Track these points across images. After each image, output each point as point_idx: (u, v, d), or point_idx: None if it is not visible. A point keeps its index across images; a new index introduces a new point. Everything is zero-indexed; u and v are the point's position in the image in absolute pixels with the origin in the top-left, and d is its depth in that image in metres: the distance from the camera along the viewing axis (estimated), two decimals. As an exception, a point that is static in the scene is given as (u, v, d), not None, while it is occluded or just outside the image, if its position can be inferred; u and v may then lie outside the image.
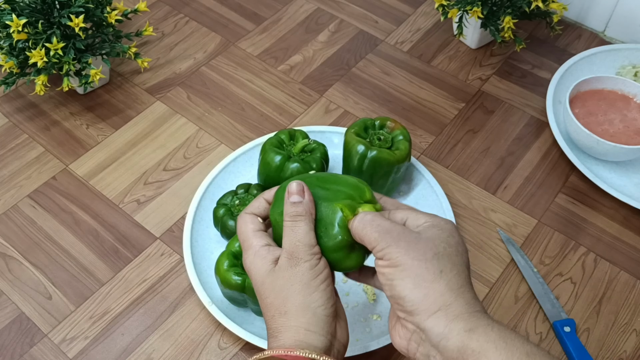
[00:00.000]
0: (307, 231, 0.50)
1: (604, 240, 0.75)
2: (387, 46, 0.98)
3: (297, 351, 0.46)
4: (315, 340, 0.48)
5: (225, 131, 0.86)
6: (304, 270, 0.49)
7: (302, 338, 0.48)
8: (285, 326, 0.49)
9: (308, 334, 0.48)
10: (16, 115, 0.89)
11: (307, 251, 0.50)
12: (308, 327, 0.48)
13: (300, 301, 0.49)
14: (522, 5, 0.86)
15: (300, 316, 0.49)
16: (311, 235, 0.50)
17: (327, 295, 0.49)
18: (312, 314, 0.49)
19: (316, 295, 0.49)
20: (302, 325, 0.48)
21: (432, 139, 0.86)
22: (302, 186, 0.52)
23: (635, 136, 0.79)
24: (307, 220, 0.50)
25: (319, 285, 0.49)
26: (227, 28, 1.01)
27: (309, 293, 0.49)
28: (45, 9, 0.78)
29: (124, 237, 0.76)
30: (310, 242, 0.50)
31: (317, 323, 0.49)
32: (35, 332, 0.68)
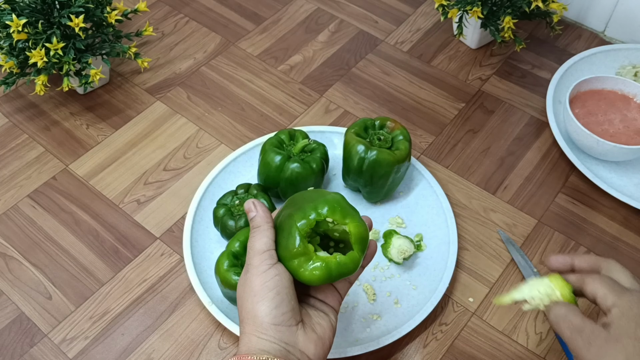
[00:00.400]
0: (259, 238, 0.52)
1: (604, 240, 0.75)
2: (387, 46, 0.98)
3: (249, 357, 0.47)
4: (267, 346, 0.49)
5: (225, 131, 0.87)
6: (252, 277, 0.51)
7: (254, 344, 0.49)
8: (242, 333, 0.50)
9: (261, 341, 0.49)
10: (16, 115, 0.89)
11: (256, 256, 0.51)
12: (259, 335, 0.49)
13: (249, 308, 0.50)
14: (522, 5, 0.86)
15: (250, 323, 0.50)
16: (263, 242, 0.52)
17: (276, 304, 0.49)
18: (259, 322, 0.49)
19: (263, 304, 0.49)
20: (254, 333, 0.49)
21: (432, 139, 0.86)
22: (251, 203, 0.54)
23: (635, 136, 0.80)
24: (262, 228, 0.53)
25: (266, 293, 0.50)
26: (227, 28, 1.01)
27: (255, 301, 0.50)
28: (45, 9, 0.78)
29: (124, 237, 0.76)
30: (260, 247, 0.52)
31: (267, 331, 0.49)
32: (35, 332, 0.68)
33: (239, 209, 0.71)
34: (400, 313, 0.68)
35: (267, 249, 0.52)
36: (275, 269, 0.51)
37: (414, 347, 0.67)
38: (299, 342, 0.50)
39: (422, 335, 0.68)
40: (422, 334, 0.68)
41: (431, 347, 0.67)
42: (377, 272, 0.72)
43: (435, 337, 0.68)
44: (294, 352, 0.49)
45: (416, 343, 0.67)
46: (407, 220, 0.76)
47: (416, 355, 0.66)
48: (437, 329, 0.68)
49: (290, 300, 0.51)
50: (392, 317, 0.68)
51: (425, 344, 0.67)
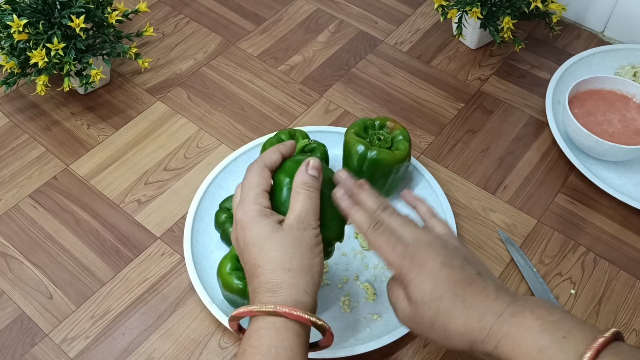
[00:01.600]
0: (318, 204, 0.54)
1: (604, 240, 0.76)
2: (386, 46, 0.98)
3: (300, 312, 0.49)
4: (308, 304, 0.50)
5: (226, 131, 0.87)
6: (311, 235, 0.52)
7: (301, 298, 0.50)
8: (288, 283, 0.50)
9: (305, 295, 0.50)
10: (17, 115, 0.89)
11: (316, 220, 0.53)
12: (306, 288, 0.51)
13: (305, 262, 0.51)
14: (522, 6, 0.86)
15: (302, 276, 0.51)
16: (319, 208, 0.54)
17: (322, 264, 0.53)
18: (311, 276, 0.51)
19: (317, 260, 0.52)
20: (302, 286, 0.50)
21: (432, 139, 0.86)
22: (321, 166, 0.56)
23: (634, 136, 0.80)
24: (319, 194, 0.54)
25: (319, 253, 0.52)
26: (228, 28, 1.01)
27: (312, 256, 0.52)
28: (46, 9, 0.78)
29: (124, 236, 0.76)
30: (318, 214, 0.53)
31: (313, 286, 0.51)
32: (36, 332, 0.69)
33: None
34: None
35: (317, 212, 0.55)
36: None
37: (414, 346, 0.67)
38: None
39: (422, 334, 0.68)
40: (422, 333, 0.68)
41: (431, 346, 0.67)
42: (378, 272, 0.72)
43: (435, 337, 0.68)
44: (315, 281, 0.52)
45: (416, 342, 0.67)
46: (407, 220, 0.76)
47: (416, 354, 0.67)
48: (437, 329, 0.68)
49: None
50: (392, 317, 0.68)
51: (426, 344, 0.67)
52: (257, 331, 0.49)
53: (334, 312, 0.69)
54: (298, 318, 0.49)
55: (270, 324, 0.49)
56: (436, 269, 0.50)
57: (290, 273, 0.51)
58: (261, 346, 0.48)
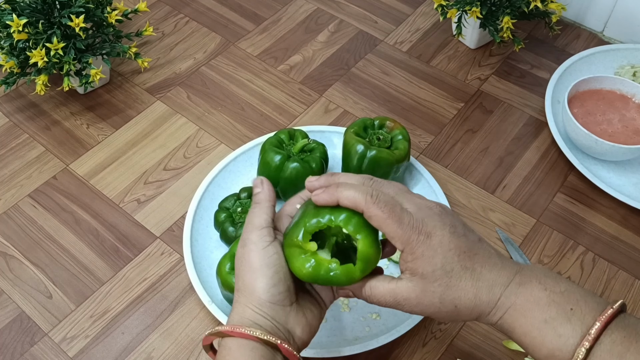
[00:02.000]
0: (259, 214, 0.52)
1: (603, 240, 0.76)
2: (386, 46, 0.98)
3: (242, 328, 0.48)
4: (261, 321, 0.49)
5: (225, 131, 0.87)
6: (249, 252, 0.50)
7: (248, 316, 0.49)
8: (237, 302, 0.50)
9: (254, 314, 0.49)
10: (17, 115, 0.89)
11: (255, 232, 0.51)
12: (254, 308, 0.49)
13: (247, 282, 0.50)
14: (521, 6, 0.86)
15: (247, 295, 0.50)
16: (262, 218, 0.52)
17: (274, 282, 0.49)
18: (256, 296, 0.49)
19: (260, 281, 0.49)
20: (249, 305, 0.49)
21: (431, 138, 0.86)
22: (259, 180, 0.55)
23: (634, 136, 0.80)
24: (263, 205, 0.53)
25: (265, 271, 0.50)
26: (227, 28, 1.01)
27: (254, 277, 0.50)
28: (45, 9, 0.78)
29: (124, 236, 0.76)
30: (260, 224, 0.51)
31: (261, 306, 0.49)
32: (35, 331, 0.69)
33: (241, 216, 0.71)
34: (399, 312, 0.68)
35: (266, 225, 0.52)
36: (274, 247, 0.51)
37: (413, 345, 0.67)
38: (289, 322, 0.50)
39: (421, 334, 0.68)
40: (421, 333, 0.68)
41: (430, 345, 0.67)
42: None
43: (435, 336, 0.68)
44: (283, 330, 0.50)
45: (415, 342, 0.67)
46: (407, 220, 0.76)
47: (415, 354, 0.67)
48: (436, 328, 0.68)
49: (287, 280, 0.50)
50: (391, 316, 0.68)
51: (425, 343, 0.67)
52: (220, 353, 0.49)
53: (334, 311, 0.69)
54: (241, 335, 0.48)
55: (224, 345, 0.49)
56: (445, 239, 0.48)
57: (239, 293, 0.51)
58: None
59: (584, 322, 0.44)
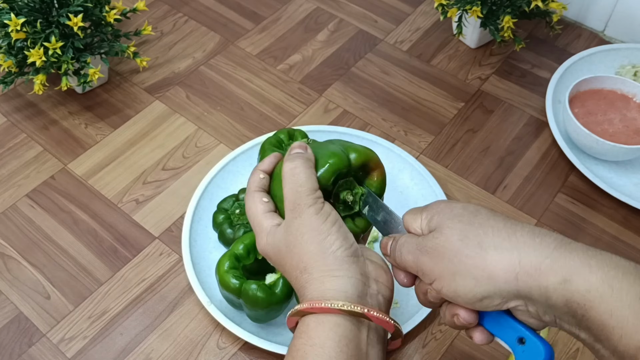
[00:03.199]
0: (309, 175, 0.47)
1: (604, 240, 0.75)
2: (386, 45, 0.97)
3: (323, 302, 0.43)
4: (344, 285, 0.44)
5: (225, 130, 0.86)
6: (310, 216, 0.46)
7: (328, 286, 0.44)
8: (309, 280, 0.46)
9: (334, 280, 0.45)
10: (15, 115, 0.89)
11: (310, 195, 0.47)
12: (332, 272, 0.45)
13: (315, 250, 0.46)
14: (522, 5, 0.86)
15: (321, 264, 0.45)
16: (313, 179, 0.47)
17: (343, 236, 0.46)
18: (332, 258, 0.45)
19: (331, 239, 0.46)
20: (326, 273, 0.45)
21: (432, 138, 0.85)
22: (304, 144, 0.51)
23: (635, 136, 0.79)
24: (307, 164, 0.48)
25: (330, 228, 0.46)
26: (226, 27, 1.00)
27: (322, 239, 0.46)
28: (44, 8, 0.78)
29: (122, 236, 0.76)
30: (312, 185, 0.47)
31: (341, 266, 0.45)
32: (33, 332, 0.68)
33: (240, 218, 0.71)
34: (399, 313, 0.68)
35: (317, 186, 0.48)
36: (329, 205, 0.48)
37: (413, 347, 0.67)
38: (371, 271, 0.47)
39: (422, 335, 0.68)
40: (422, 334, 0.68)
41: (430, 346, 0.67)
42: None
43: (435, 337, 0.67)
44: (370, 283, 0.46)
45: (415, 343, 0.67)
46: (407, 220, 0.76)
47: (415, 354, 0.66)
48: (436, 329, 0.68)
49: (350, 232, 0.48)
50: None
51: (425, 344, 0.67)
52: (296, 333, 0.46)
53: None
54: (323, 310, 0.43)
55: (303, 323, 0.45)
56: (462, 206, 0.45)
57: (307, 271, 0.46)
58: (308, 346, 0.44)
59: None
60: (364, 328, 0.45)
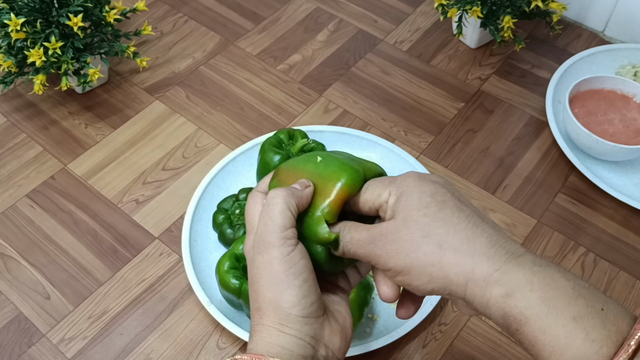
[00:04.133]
0: (283, 210, 0.43)
1: (604, 240, 0.75)
2: (386, 46, 0.97)
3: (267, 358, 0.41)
4: (290, 344, 0.42)
5: (224, 131, 0.86)
6: (272, 259, 0.42)
7: (275, 340, 0.42)
8: (259, 325, 0.43)
9: (282, 336, 0.42)
10: (14, 115, 0.88)
11: (278, 233, 0.42)
12: (282, 328, 0.42)
13: (270, 297, 0.42)
14: (522, 5, 0.86)
15: (272, 315, 0.42)
16: (287, 215, 0.43)
17: (304, 293, 0.42)
18: (285, 313, 0.42)
19: (288, 293, 0.42)
20: (275, 326, 0.42)
21: (432, 138, 0.85)
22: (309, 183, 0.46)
23: (635, 136, 0.79)
24: (288, 198, 0.43)
25: (292, 281, 0.42)
26: (226, 27, 1.00)
27: (280, 290, 0.42)
28: (43, 8, 0.78)
29: (122, 236, 0.76)
30: (284, 223, 0.43)
31: (292, 325, 0.42)
32: (33, 332, 0.68)
33: (240, 218, 0.71)
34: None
35: (291, 225, 0.43)
36: (299, 250, 0.43)
37: (413, 347, 0.67)
38: (325, 335, 0.44)
39: (422, 335, 0.67)
40: (422, 334, 0.67)
41: (430, 347, 0.67)
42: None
43: (435, 337, 0.67)
44: (319, 347, 0.43)
45: (415, 343, 0.67)
46: (407, 220, 0.75)
47: (415, 355, 0.66)
48: (437, 329, 0.68)
49: (317, 287, 0.43)
50: (391, 317, 0.68)
51: (425, 344, 0.67)
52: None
53: (333, 312, 0.68)
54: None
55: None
56: (436, 185, 0.43)
57: (260, 313, 0.43)
58: None
59: (619, 330, 0.36)
60: None
